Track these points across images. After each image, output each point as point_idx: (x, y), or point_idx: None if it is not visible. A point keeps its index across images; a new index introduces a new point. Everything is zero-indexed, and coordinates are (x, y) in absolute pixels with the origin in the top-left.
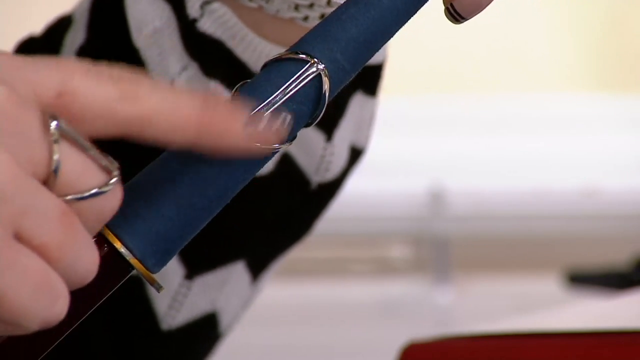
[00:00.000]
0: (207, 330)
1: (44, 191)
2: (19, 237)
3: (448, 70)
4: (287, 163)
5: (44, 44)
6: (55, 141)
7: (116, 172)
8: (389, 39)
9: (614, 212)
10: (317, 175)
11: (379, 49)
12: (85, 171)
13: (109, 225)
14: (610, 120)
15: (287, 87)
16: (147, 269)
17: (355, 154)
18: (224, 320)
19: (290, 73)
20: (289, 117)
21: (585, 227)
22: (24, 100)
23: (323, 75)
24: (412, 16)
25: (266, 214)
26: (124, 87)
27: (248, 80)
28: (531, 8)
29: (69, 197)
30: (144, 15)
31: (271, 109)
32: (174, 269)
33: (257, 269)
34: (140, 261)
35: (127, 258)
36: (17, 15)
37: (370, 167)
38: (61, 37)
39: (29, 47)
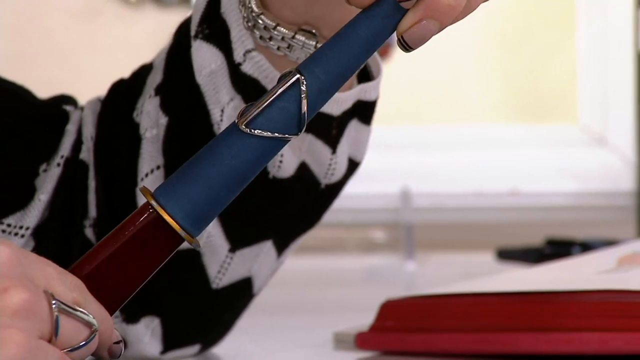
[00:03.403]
0: (244, 290)
1: (48, 348)
2: None
3: (413, 106)
4: (303, 169)
5: (131, 84)
6: (57, 314)
7: (95, 327)
8: (354, 61)
9: (530, 207)
10: (325, 179)
11: (346, 64)
12: (75, 332)
13: (164, 207)
14: (528, 142)
15: (274, 89)
16: (189, 234)
17: (353, 165)
18: (256, 284)
19: (279, 82)
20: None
21: (511, 218)
22: (39, 292)
23: (301, 79)
24: (371, 53)
25: (288, 206)
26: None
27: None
28: (468, 60)
29: (65, 350)
30: (203, 61)
31: (262, 106)
32: (222, 244)
33: (281, 247)
34: (186, 231)
35: (177, 231)
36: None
37: (360, 174)
38: (144, 79)
39: (120, 87)
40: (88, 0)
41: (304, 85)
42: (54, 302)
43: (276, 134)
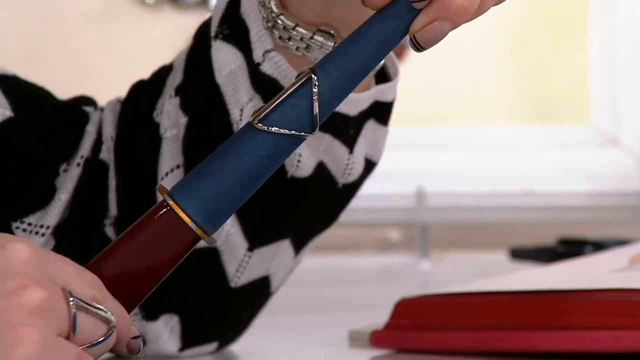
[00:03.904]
0: (262, 288)
1: (66, 344)
2: None
3: (427, 107)
4: (322, 169)
5: (151, 85)
6: (75, 311)
7: (112, 323)
8: (368, 61)
9: (543, 206)
10: (343, 178)
11: (360, 64)
12: (93, 328)
13: (178, 203)
14: (540, 143)
15: (289, 87)
16: (203, 230)
17: (370, 165)
18: (274, 283)
19: (295, 80)
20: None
21: (524, 217)
22: (57, 290)
23: (314, 77)
24: (385, 53)
25: (306, 206)
26: (95, 294)
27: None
28: (481, 62)
29: (84, 346)
30: (223, 61)
31: (275, 103)
32: (240, 243)
33: (298, 246)
34: (200, 227)
35: (191, 227)
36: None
37: (375, 174)
38: (164, 80)
39: (140, 88)
40: (106, 3)
41: (315, 87)
42: (71, 299)
43: (290, 131)
